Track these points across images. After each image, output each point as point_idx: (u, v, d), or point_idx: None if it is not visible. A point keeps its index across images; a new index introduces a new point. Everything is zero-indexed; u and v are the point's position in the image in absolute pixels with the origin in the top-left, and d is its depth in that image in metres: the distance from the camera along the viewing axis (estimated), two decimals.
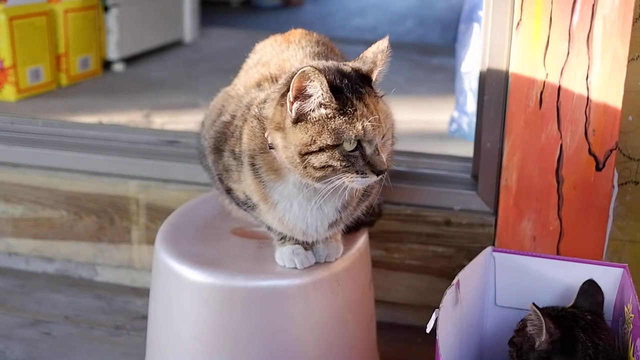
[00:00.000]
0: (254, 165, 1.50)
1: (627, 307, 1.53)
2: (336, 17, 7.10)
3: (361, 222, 1.72)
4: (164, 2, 4.78)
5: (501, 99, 1.94)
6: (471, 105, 2.97)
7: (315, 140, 1.36)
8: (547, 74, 1.83)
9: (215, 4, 6.70)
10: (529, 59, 1.83)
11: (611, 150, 1.85)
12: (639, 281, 1.92)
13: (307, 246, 1.61)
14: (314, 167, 1.37)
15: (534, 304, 1.48)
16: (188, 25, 5.05)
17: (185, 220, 1.83)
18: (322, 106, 1.35)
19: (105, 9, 4.16)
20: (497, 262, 1.70)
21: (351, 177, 1.37)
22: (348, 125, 1.35)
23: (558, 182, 1.89)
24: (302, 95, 1.35)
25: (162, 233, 1.74)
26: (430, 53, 4.93)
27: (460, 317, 1.58)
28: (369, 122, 1.35)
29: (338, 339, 1.66)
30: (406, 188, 2.13)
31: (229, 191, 1.65)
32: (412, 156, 2.26)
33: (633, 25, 1.78)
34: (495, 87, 1.95)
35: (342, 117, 1.35)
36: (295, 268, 1.58)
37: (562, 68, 1.82)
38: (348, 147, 1.35)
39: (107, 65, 4.24)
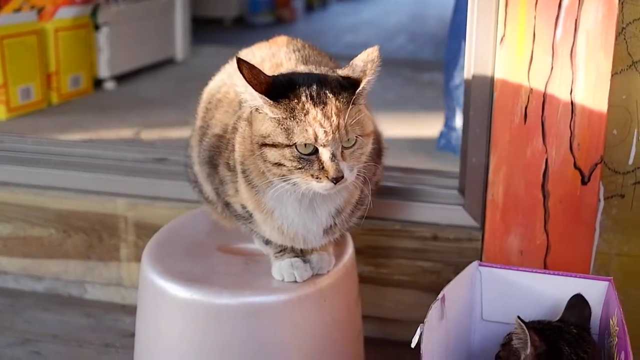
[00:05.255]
0: (244, 172, 1.50)
1: (612, 320, 1.53)
2: (328, 34, 7.09)
3: None
4: (156, 20, 4.78)
5: (486, 114, 1.95)
6: (459, 120, 2.98)
7: (270, 134, 1.38)
8: (532, 89, 1.84)
9: (207, 22, 6.70)
10: (513, 73, 1.84)
11: (596, 164, 1.85)
12: (627, 294, 1.93)
13: (304, 258, 1.61)
14: (270, 162, 1.39)
15: (518, 317, 1.49)
16: (180, 43, 5.05)
17: (171, 237, 1.83)
18: (265, 105, 1.38)
19: (96, 27, 4.15)
20: (483, 277, 1.71)
21: (306, 180, 1.38)
22: (299, 128, 1.36)
23: (544, 197, 1.90)
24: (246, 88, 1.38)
25: (148, 250, 1.74)
26: (422, 69, 4.93)
27: (447, 332, 1.58)
28: (323, 128, 1.35)
29: (325, 354, 1.66)
30: (394, 203, 2.14)
31: (227, 205, 1.65)
32: (400, 172, 2.26)
33: (616, 39, 1.80)
34: (480, 102, 1.96)
35: (292, 119, 1.36)
36: (295, 281, 1.58)
37: (546, 82, 1.83)
38: (303, 149, 1.36)
39: (98, 83, 4.23)
